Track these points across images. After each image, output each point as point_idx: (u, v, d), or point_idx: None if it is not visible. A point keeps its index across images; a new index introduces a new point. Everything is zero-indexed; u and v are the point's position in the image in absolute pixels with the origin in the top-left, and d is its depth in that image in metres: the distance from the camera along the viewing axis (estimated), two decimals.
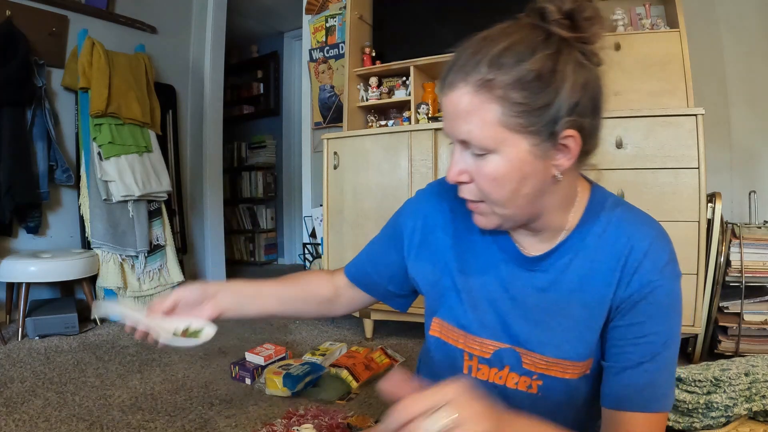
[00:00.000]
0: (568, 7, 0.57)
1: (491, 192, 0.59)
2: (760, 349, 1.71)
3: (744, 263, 1.71)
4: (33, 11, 2.55)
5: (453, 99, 0.57)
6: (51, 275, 2.30)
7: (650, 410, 0.60)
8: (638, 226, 0.63)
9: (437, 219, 0.75)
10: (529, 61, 0.54)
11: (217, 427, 1.36)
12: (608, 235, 0.63)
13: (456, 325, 0.71)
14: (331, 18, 2.96)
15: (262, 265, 4.63)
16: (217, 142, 3.55)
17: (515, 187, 0.58)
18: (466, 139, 0.57)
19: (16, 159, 2.36)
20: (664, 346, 0.61)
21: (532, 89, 0.54)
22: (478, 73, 0.55)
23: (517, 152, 0.56)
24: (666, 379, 0.61)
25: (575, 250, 0.64)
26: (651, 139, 1.73)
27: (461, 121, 0.57)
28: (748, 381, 1.11)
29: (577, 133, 0.58)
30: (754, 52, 2.21)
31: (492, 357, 0.68)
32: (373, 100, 2.52)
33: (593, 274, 0.63)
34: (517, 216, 0.62)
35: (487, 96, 0.55)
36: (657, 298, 0.60)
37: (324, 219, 2.32)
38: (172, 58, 3.28)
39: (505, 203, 0.59)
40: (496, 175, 0.57)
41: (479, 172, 0.58)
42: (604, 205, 0.66)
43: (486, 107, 0.55)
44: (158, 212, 2.88)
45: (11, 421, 1.37)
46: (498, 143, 0.56)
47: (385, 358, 1.83)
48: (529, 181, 0.58)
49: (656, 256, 0.61)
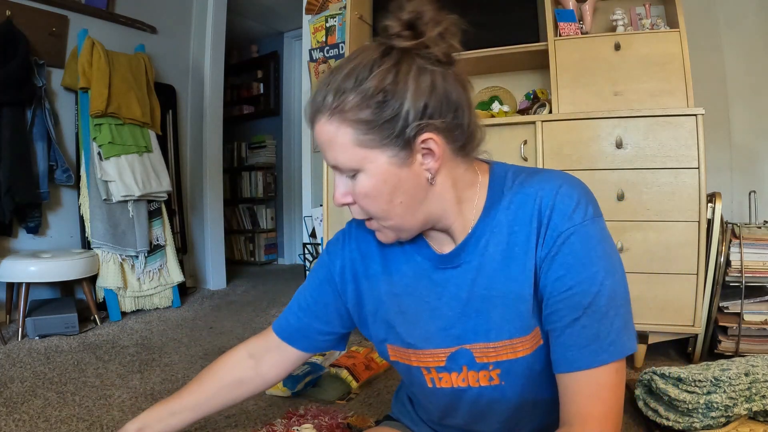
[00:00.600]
0: (407, 17, 0.60)
1: (369, 208, 0.62)
2: (760, 349, 1.71)
3: (744, 263, 1.71)
4: (33, 11, 2.55)
5: (316, 132, 0.62)
6: (51, 275, 2.30)
7: (599, 363, 0.57)
8: (541, 183, 0.63)
9: (365, 250, 0.77)
10: (368, 79, 0.57)
11: (217, 427, 1.36)
12: (515, 205, 0.64)
13: (403, 346, 0.72)
14: (331, 18, 2.96)
15: (262, 265, 4.63)
16: (217, 142, 3.55)
17: (387, 198, 0.61)
18: (335, 164, 0.61)
19: (16, 159, 2.36)
20: (597, 295, 0.58)
21: (376, 105, 0.57)
22: (327, 103, 0.59)
23: (378, 166, 0.59)
24: (609, 326, 0.58)
25: (489, 231, 0.65)
26: (651, 139, 1.73)
27: (327, 150, 0.61)
28: (748, 381, 1.11)
29: (436, 135, 0.59)
30: (754, 52, 2.21)
31: (447, 363, 0.69)
32: None
33: (512, 246, 0.63)
34: (406, 224, 0.64)
35: (339, 121, 0.59)
36: (572, 248, 0.59)
37: (324, 219, 2.32)
38: (172, 58, 3.28)
39: (385, 216, 0.63)
40: (367, 192, 0.61)
41: (355, 192, 0.62)
42: (505, 180, 0.66)
43: (340, 132, 0.59)
44: (158, 212, 2.88)
45: (11, 421, 1.37)
46: (359, 162, 0.59)
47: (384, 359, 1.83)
48: (399, 190, 0.60)
49: (562, 204, 0.60)
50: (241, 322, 2.54)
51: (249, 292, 3.36)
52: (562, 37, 2.00)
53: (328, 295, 0.81)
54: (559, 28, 2.04)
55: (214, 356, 1.97)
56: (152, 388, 1.64)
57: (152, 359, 1.94)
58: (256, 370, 0.86)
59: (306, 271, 2.80)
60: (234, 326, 2.47)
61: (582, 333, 0.58)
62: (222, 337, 2.27)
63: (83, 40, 2.61)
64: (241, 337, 2.27)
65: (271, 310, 2.81)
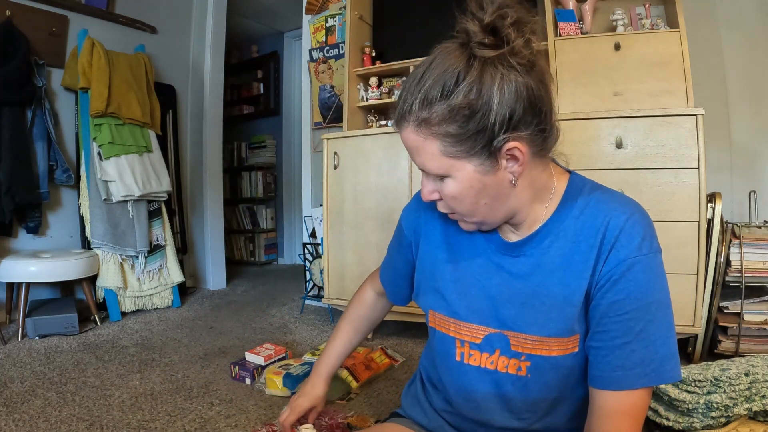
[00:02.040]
0: (489, 19, 0.57)
1: (455, 207, 0.67)
2: (760, 349, 1.71)
3: (744, 263, 1.71)
4: (33, 11, 2.55)
5: (403, 137, 0.65)
6: (51, 275, 2.30)
7: (640, 386, 0.61)
8: (615, 204, 0.66)
9: (429, 217, 0.82)
10: (454, 93, 0.58)
11: (217, 427, 1.36)
12: (586, 216, 0.67)
13: (447, 314, 0.76)
14: (331, 18, 2.96)
15: (262, 265, 4.63)
16: (217, 142, 3.55)
17: (473, 200, 0.65)
18: (425, 168, 0.65)
19: (16, 159, 2.36)
20: (649, 323, 0.61)
21: (463, 119, 0.59)
22: (414, 112, 0.61)
23: (465, 174, 0.63)
24: (655, 353, 0.61)
25: (555, 234, 0.68)
26: (651, 139, 1.73)
27: (415, 155, 0.65)
28: (748, 381, 1.11)
29: (520, 143, 0.60)
30: (754, 52, 2.21)
31: (482, 342, 0.72)
32: (373, 100, 2.52)
33: (573, 253, 0.66)
34: (488, 220, 0.68)
35: (426, 133, 0.61)
36: (635, 275, 0.62)
37: (324, 219, 2.32)
38: (172, 58, 3.28)
39: (470, 214, 0.67)
40: (454, 195, 0.65)
41: (442, 192, 0.66)
42: (582, 190, 0.70)
43: (428, 143, 0.62)
44: (158, 212, 2.88)
45: (11, 421, 1.37)
46: (447, 169, 0.63)
47: (385, 358, 1.83)
48: (484, 193, 0.64)
49: (632, 231, 0.63)
50: (241, 322, 2.54)
51: (249, 292, 3.36)
52: (562, 37, 2.00)
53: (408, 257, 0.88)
54: (559, 28, 2.04)
55: (215, 356, 1.98)
56: (152, 388, 1.64)
57: (152, 359, 1.94)
58: (382, 299, 1.03)
59: (306, 271, 2.80)
60: (234, 326, 2.47)
61: (630, 356, 0.61)
62: (222, 337, 2.27)
63: (83, 40, 2.61)
64: (241, 337, 2.27)
65: (271, 310, 2.81)
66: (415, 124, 0.61)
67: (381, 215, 2.15)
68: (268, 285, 3.62)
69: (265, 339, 2.21)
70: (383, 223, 2.15)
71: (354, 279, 2.23)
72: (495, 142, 0.59)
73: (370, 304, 1.03)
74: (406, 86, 0.63)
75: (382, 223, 2.15)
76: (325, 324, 2.50)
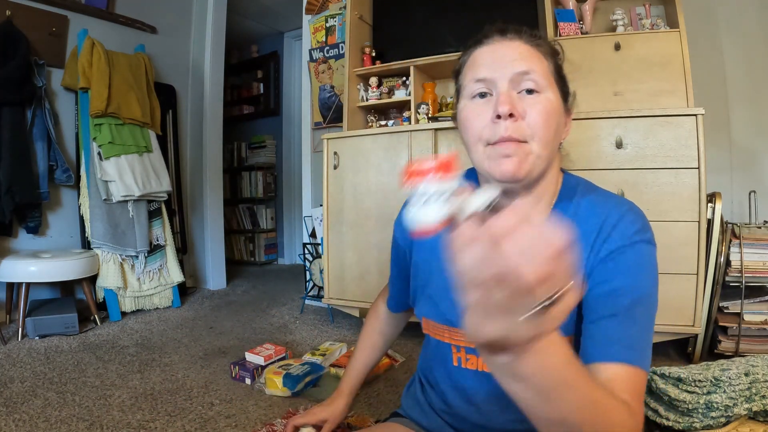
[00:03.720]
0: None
1: (542, 126, 0.63)
2: (760, 349, 1.71)
3: (744, 263, 1.71)
4: (33, 11, 2.55)
5: (512, 45, 0.66)
6: (51, 275, 2.30)
7: (627, 361, 0.56)
8: (610, 204, 0.67)
9: None
10: (554, 44, 0.71)
11: (217, 427, 1.36)
12: (580, 218, 0.67)
13: (440, 321, 0.76)
14: (331, 18, 2.96)
15: (262, 265, 4.63)
16: (217, 142, 3.55)
17: (556, 127, 0.65)
18: (529, 70, 0.63)
19: (16, 159, 2.36)
20: (637, 301, 0.60)
21: (559, 61, 0.70)
22: (529, 35, 0.67)
23: (557, 99, 0.66)
24: (640, 335, 0.59)
25: None
26: (651, 139, 1.73)
27: (521, 61, 0.64)
28: (748, 381, 1.11)
29: (572, 113, 0.71)
30: (754, 52, 2.21)
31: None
32: (373, 100, 2.52)
33: None
34: (543, 163, 0.66)
35: (539, 50, 0.67)
36: (625, 258, 0.62)
37: (324, 219, 2.32)
38: (172, 58, 3.28)
39: (548, 142, 0.64)
40: (550, 110, 0.64)
41: (535, 106, 0.63)
42: (576, 190, 0.70)
43: (540, 57, 0.66)
44: (158, 212, 2.88)
45: (11, 421, 1.37)
46: (549, 85, 0.65)
47: (385, 358, 1.83)
48: (559, 129, 0.67)
49: (626, 226, 0.63)
50: (241, 322, 2.54)
51: (249, 292, 3.36)
52: (562, 37, 2.00)
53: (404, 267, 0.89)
54: (559, 28, 2.04)
55: (214, 356, 1.97)
56: (152, 388, 1.64)
57: (152, 359, 1.94)
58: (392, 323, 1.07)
59: (306, 271, 2.80)
60: (234, 326, 2.47)
61: (617, 328, 0.58)
62: (222, 337, 2.27)
63: (83, 40, 2.61)
64: (241, 337, 2.27)
65: (271, 310, 2.81)
66: (528, 41, 0.66)
67: (381, 215, 2.15)
68: (268, 285, 3.62)
69: (265, 339, 2.20)
70: (383, 223, 2.15)
71: (354, 279, 2.23)
72: (569, 97, 0.70)
73: (384, 318, 1.05)
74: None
75: (382, 223, 2.15)
76: (325, 324, 2.50)
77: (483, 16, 2.22)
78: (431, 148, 2.04)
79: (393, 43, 2.53)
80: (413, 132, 2.10)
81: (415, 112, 2.35)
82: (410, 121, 2.40)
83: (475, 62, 0.67)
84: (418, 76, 2.38)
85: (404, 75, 2.48)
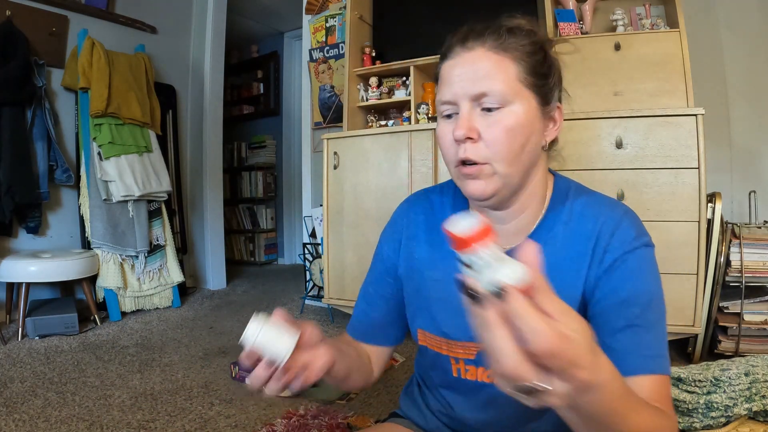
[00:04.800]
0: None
1: (504, 144, 0.61)
2: (760, 349, 1.71)
3: (744, 263, 1.71)
4: (33, 11, 2.55)
5: (472, 57, 0.62)
6: (51, 275, 2.30)
7: (651, 371, 0.57)
8: (603, 208, 0.66)
9: (411, 233, 0.78)
10: (536, 35, 0.64)
11: (217, 427, 1.36)
12: (575, 223, 0.66)
13: (437, 334, 0.73)
14: (331, 18, 2.96)
15: (262, 265, 4.63)
16: (217, 142, 3.55)
17: (524, 141, 0.62)
18: (487, 91, 0.60)
19: (16, 159, 2.36)
20: (647, 307, 0.60)
21: (538, 57, 0.63)
22: (495, 37, 0.62)
23: (529, 107, 0.62)
24: (657, 341, 0.59)
25: (543, 240, 0.66)
26: (651, 139, 1.73)
27: (481, 77, 0.61)
28: (748, 381, 1.11)
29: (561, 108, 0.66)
30: (754, 52, 2.21)
31: (477, 357, 0.69)
32: (373, 100, 2.52)
33: (562, 261, 0.64)
34: (514, 179, 0.64)
35: (504, 56, 0.62)
36: (628, 265, 0.62)
37: (324, 219, 2.32)
38: (172, 58, 3.28)
39: (512, 159, 0.62)
40: (513, 126, 0.60)
41: (494, 125, 0.61)
42: (568, 193, 0.69)
43: (505, 64, 0.61)
44: (158, 212, 2.88)
45: (11, 421, 1.37)
46: (515, 95, 0.61)
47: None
48: (531, 139, 0.63)
49: (624, 233, 0.63)
50: (241, 322, 2.54)
51: (249, 292, 3.36)
52: (562, 37, 2.00)
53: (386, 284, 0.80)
54: (559, 28, 2.04)
55: (214, 356, 1.97)
56: (152, 388, 1.64)
57: (152, 359, 1.94)
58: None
59: (306, 271, 2.80)
60: (234, 326, 2.47)
61: (632, 339, 0.59)
62: (222, 337, 2.27)
63: (83, 40, 2.61)
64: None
65: (271, 310, 2.80)
66: (493, 47, 0.62)
67: (381, 215, 2.15)
68: (268, 285, 3.62)
69: None
70: (383, 223, 2.13)
71: (354, 279, 2.23)
72: (554, 92, 0.64)
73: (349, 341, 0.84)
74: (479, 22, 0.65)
75: (382, 223, 2.13)
76: (325, 324, 2.50)
77: (483, 15, 2.22)
78: (431, 148, 2.04)
79: (393, 43, 2.53)
80: (413, 132, 2.10)
81: (415, 112, 2.35)
82: (410, 121, 2.40)
83: (441, 80, 0.65)
84: (418, 76, 2.38)
85: (404, 75, 2.48)
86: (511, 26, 0.64)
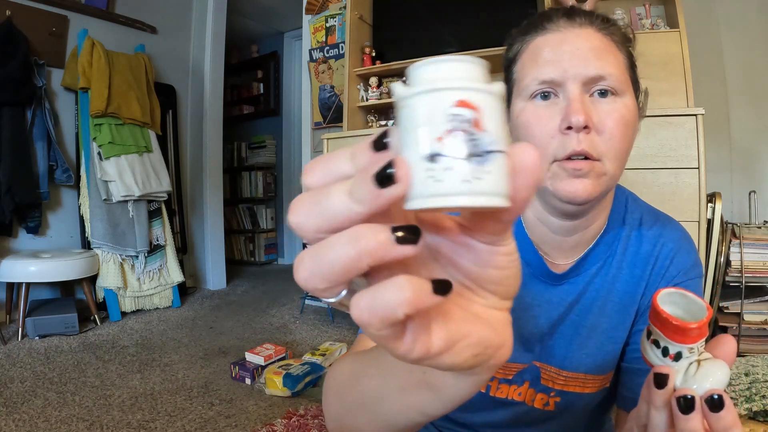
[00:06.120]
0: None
1: (618, 139, 0.51)
2: (760, 349, 1.71)
3: (744, 263, 1.71)
4: (33, 11, 2.55)
5: (583, 35, 0.52)
6: (51, 275, 2.30)
7: None
8: (662, 229, 0.61)
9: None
10: (625, 27, 0.56)
11: (217, 427, 1.36)
12: (632, 241, 0.60)
13: None
14: (331, 18, 2.96)
15: (262, 265, 4.63)
16: (217, 142, 3.55)
17: (632, 140, 0.54)
18: (605, 75, 0.51)
19: (16, 159, 2.36)
20: None
21: (629, 50, 0.56)
22: (599, 19, 0.54)
23: (633, 103, 0.54)
24: None
25: (603, 258, 0.60)
26: (651, 139, 1.73)
27: (594, 58, 0.51)
28: (748, 381, 1.11)
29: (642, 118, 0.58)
30: (754, 52, 2.21)
31: (515, 377, 0.64)
32: (373, 100, 2.52)
33: (620, 282, 0.60)
34: (614, 183, 0.55)
35: (611, 40, 0.54)
36: None
37: None
38: (172, 58, 3.28)
39: (622, 159, 0.53)
40: (629, 120, 0.52)
41: (610, 115, 0.51)
42: (626, 207, 0.63)
43: (616, 49, 0.53)
44: (158, 212, 2.88)
45: (11, 421, 1.37)
46: (627, 86, 0.53)
47: None
48: (633, 141, 0.55)
49: (682, 260, 0.59)
50: (241, 322, 2.54)
51: (249, 292, 3.36)
52: None
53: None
54: None
55: (214, 356, 1.98)
56: (152, 388, 1.64)
57: (152, 359, 1.94)
58: None
59: None
60: (234, 326, 2.47)
61: None
62: (222, 337, 2.27)
63: (83, 40, 2.61)
64: (241, 337, 2.27)
65: (271, 310, 2.81)
66: (600, 27, 0.53)
67: None
68: (268, 285, 3.62)
69: (265, 339, 2.20)
70: None
71: None
72: (639, 89, 0.56)
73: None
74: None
75: None
76: (325, 324, 2.50)
77: (483, 16, 2.22)
78: None
79: (393, 43, 2.53)
80: None
81: None
82: None
83: (536, 55, 0.54)
84: None
85: (404, 75, 2.47)
86: (607, 17, 0.56)
